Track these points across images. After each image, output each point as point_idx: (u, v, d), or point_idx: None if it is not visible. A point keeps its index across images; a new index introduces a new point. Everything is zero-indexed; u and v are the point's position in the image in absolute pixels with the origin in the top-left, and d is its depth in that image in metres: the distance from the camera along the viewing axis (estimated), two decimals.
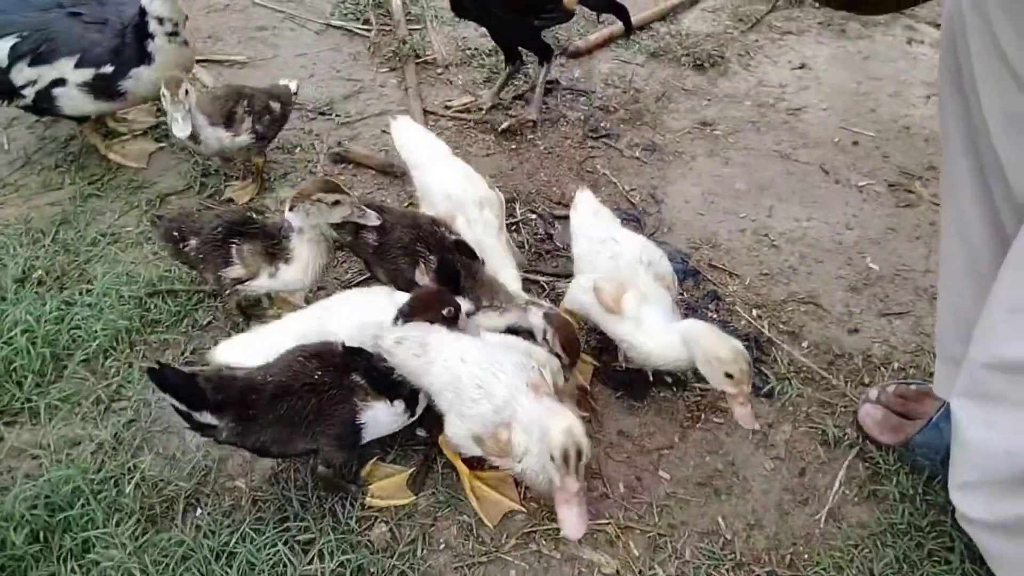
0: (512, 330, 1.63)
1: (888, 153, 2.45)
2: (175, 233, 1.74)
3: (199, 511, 1.45)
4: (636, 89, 2.72)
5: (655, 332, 1.55)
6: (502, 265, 1.77)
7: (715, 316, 1.89)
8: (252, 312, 1.81)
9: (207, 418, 1.33)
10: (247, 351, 1.53)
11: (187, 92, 1.90)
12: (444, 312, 1.46)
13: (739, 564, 1.43)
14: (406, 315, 1.45)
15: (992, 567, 1.29)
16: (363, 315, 1.53)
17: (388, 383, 1.43)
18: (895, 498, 1.51)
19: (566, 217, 2.17)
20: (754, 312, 1.90)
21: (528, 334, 1.62)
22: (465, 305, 1.53)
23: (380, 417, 1.44)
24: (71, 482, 1.44)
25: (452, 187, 1.85)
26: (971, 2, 1.13)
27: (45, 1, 2.04)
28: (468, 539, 1.44)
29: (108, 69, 2.00)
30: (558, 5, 2.46)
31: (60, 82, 2.01)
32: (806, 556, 1.45)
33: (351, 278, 1.98)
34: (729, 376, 1.43)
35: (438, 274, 1.65)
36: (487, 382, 1.35)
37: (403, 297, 1.53)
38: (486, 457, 1.41)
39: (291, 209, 1.61)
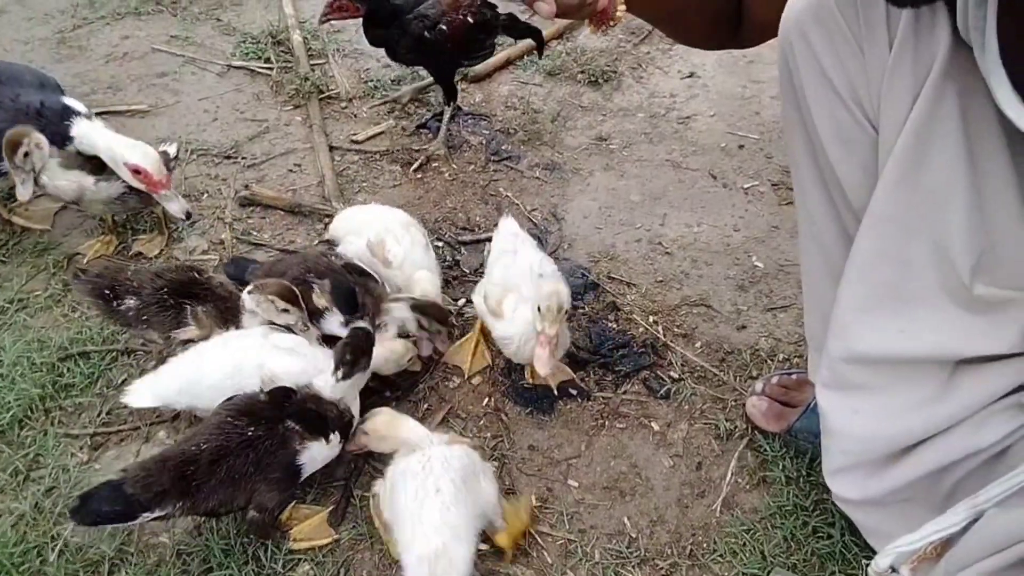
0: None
1: (771, 154, 2.61)
2: (106, 292, 1.75)
3: (124, 571, 1.49)
4: (535, 110, 2.83)
5: (518, 318, 1.69)
6: (419, 267, 1.91)
7: (615, 325, 2.01)
8: None
9: (155, 514, 1.39)
10: (162, 389, 1.60)
11: (26, 155, 1.93)
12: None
13: (644, 560, 1.54)
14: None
15: (866, 536, 1.42)
16: (237, 358, 1.61)
17: (322, 422, 1.51)
18: (782, 482, 1.64)
19: (473, 242, 2.28)
20: (651, 319, 2.02)
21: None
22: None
23: (317, 455, 1.52)
24: None
25: (375, 219, 2.03)
26: (797, 29, 1.24)
27: None
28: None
29: None
30: (490, 45, 2.56)
31: None
32: (705, 545, 1.56)
33: None
34: (537, 310, 1.58)
35: (334, 294, 1.75)
36: None
37: (279, 338, 1.65)
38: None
39: (248, 292, 1.69)
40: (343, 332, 1.71)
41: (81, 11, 3.29)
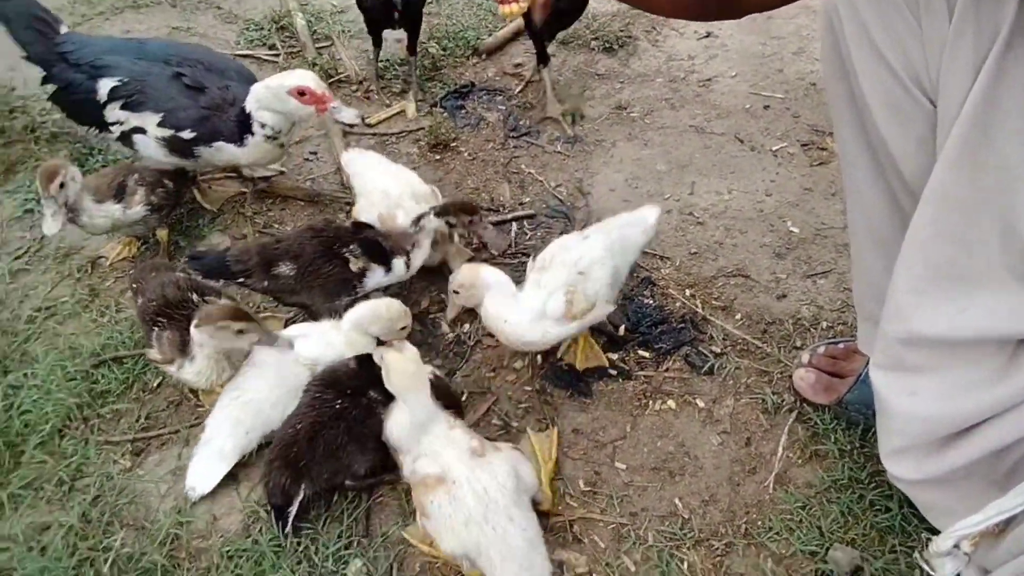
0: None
1: (798, 113, 2.53)
2: (135, 284, 1.80)
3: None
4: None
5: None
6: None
7: (651, 301, 1.96)
8: None
9: (304, 497, 1.50)
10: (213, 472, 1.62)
11: (62, 186, 1.88)
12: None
13: (699, 541, 1.52)
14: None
15: (923, 512, 1.38)
16: (279, 370, 1.64)
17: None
18: (835, 455, 1.61)
19: (499, 223, 2.24)
20: (687, 292, 1.98)
21: None
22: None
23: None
24: (45, 572, 1.46)
25: (389, 185, 2.02)
26: None
27: (159, 55, 2.11)
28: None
29: (187, 135, 2.03)
30: None
31: (141, 130, 2.07)
32: (759, 523, 1.54)
33: None
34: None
35: (366, 253, 1.83)
36: None
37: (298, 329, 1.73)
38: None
39: (195, 327, 1.62)
40: (389, 280, 1.87)
41: (79, 7, 3.23)
